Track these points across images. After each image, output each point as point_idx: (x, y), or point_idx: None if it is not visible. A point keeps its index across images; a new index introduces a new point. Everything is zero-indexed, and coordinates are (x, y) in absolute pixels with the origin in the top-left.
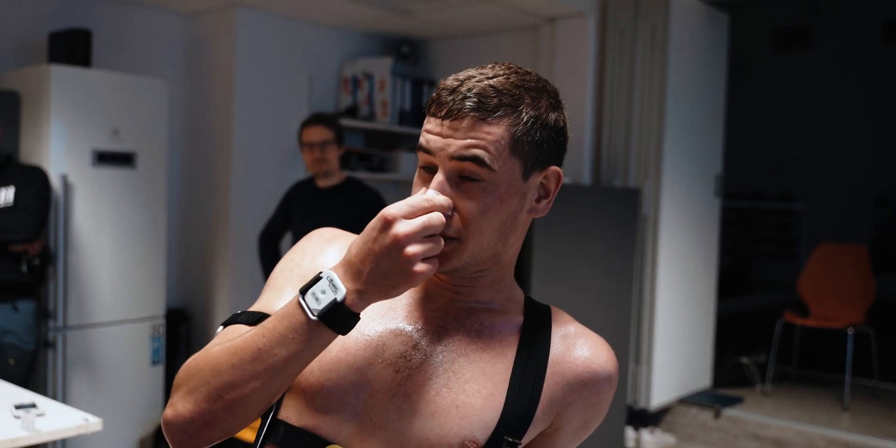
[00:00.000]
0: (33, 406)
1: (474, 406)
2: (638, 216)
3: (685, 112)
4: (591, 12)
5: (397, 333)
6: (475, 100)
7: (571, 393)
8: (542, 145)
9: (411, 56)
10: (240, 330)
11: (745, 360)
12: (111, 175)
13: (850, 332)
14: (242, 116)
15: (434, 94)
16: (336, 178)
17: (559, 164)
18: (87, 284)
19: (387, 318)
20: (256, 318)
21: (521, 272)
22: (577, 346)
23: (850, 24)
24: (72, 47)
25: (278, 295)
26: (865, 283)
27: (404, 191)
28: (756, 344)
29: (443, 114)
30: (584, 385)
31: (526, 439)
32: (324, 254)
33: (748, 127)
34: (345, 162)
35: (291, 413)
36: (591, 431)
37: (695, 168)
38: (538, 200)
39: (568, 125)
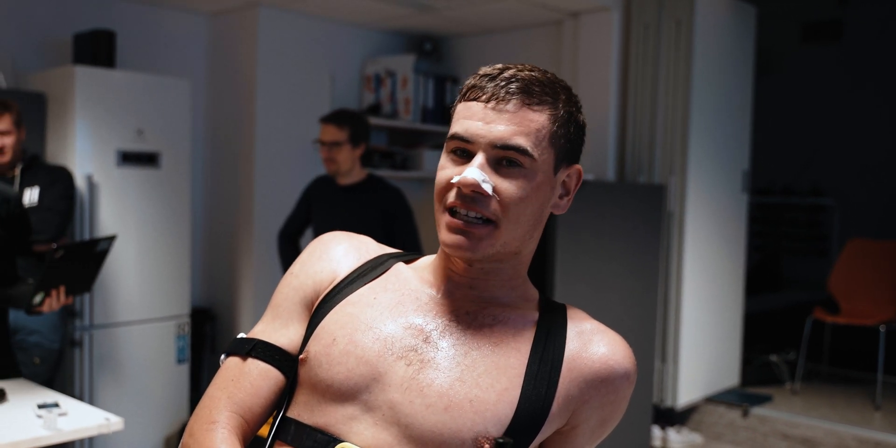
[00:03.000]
0: (56, 405)
1: (488, 401)
2: (663, 213)
3: (711, 107)
4: (615, 7)
5: (407, 327)
6: (520, 85)
7: (588, 390)
8: (573, 141)
9: (434, 53)
10: (239, 368)
11: (774, 357)
12: (135, 175)
13: (881, 329)
14: (265, 115)
15: (470, 82)
16: (357, 176)
17: (578, 163)
18: (112, 283)
19: (396, 313)
20: (250, 347)
21: (544, 270)
22: (593, 343)
23: (881, 16)
24: (96, 48)
25: (276, 315)
26: None
27: (427, 188)
28: (786, 342)
29: (486, 96)
30: (602, 382)
31: (541, 437)
32: (324, 259)
33: (777, 121)
34: (367, 160)
35: (302, 410)
36: (610, 430)
37: (721, 164)
38: (560, 197)
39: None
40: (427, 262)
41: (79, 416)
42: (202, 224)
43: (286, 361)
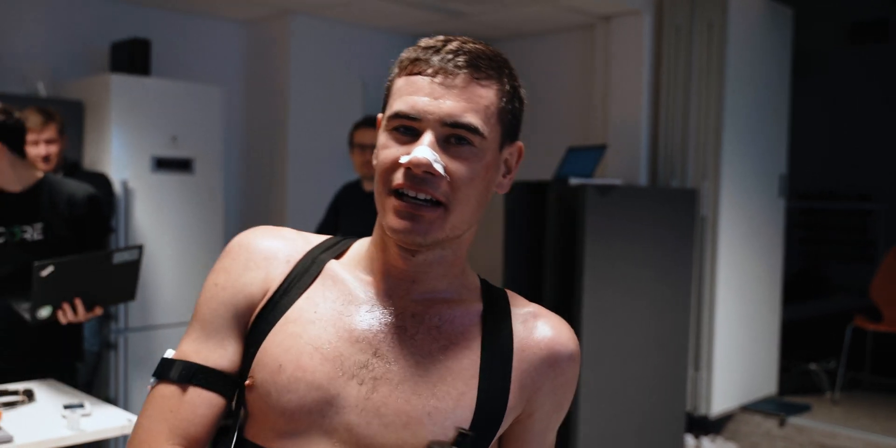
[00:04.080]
0: (81, 406)
1: (446, 410)
2: (696, 218)
3: (745, 110)
4: (647, 10)
5: (354, 341)
6: (468, 58)
7: (538, 377)
8: (517, 116)
9: None
10: (178, 397)
11: (813, 366)
12: (170, 180)
13: None
14: (298, 121)
15: (411, 55)
16: None
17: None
18: (148, 287)
19: (340, 326)
20: (191, 375)
21: (573, 276)
22: (537, 328)
23: None
24: (132, 57)
25: (207, 335)
26: None
27: None
28: (826, 350)
29: (432, 71)
30: (549, 367)
31: (501, 429)
32: (251, 267)
33: (819, 124)
34: None
35: (258, 433)
36: (565, 413)
37: (756, 168)
38: (504, 176)
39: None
40: (360, 253)
41: (103, 418)
42: (235, 228)
43: (227, 383)
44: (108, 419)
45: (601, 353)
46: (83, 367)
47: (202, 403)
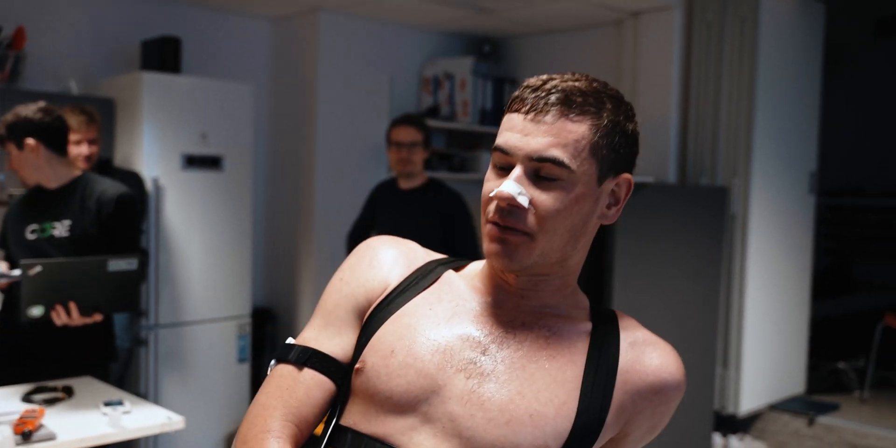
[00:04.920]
0: (121, 403)
1: (547, 415)
2: (726, 216)
3: (776, 107)
4: (677, 5)
5: (465, 339)
6: (560, 96)
7: (641, 401)
8: (618, 151)
9: (492, 55)
10: (294, 377)
11: (842, 365)
12: (199, 178)
13: None
14: (325, 118)
15: (516, 93)
16: (419, 180)
17: (630, 173)
18: (177, 284)
19: (453, 323)
20: (307, 357)
21: (602, 276)
22: (646, 354)
23: None
24: (163, 55)
25: (326, 323)
26: None
27: None
28: (855, 348)
29: (526, 108)
30: (655, 393)
31: (597, 445)
32: (374, 266)
33: (849, 120)
34: (426, 162)
35: (359, 419)
36: (656, 435)
37: (787, 165)
38: (608, 207)
39: (639, 140)
40: (476, 269)
41: (142, 415)
42: (263, 225)
43: (339, 371)
44: (147, 416)
45: None
46: (115, 365)
47: (315, 385)
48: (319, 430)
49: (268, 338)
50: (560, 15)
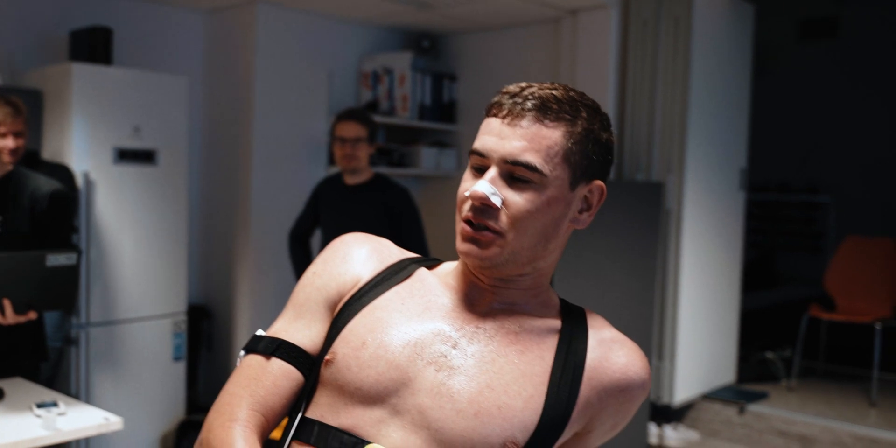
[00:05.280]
0: (55, 405)
1: (516, 407)
2: (661, 210)
3: (709, 105)
4: (614, 4)
5: (436, 333)
6: (537, 102)
7: (607, 398)
8: (591, 158)
9: (431, 50)
10: (262, 366)
11: (770, 355)
12: (132, 172)
13: (877, 326)
14: (262, 112)
15: (495, 99)
16: (364, 175)
17: (604, 181)
18: (109, 281)
19: (425, 318)
20: (275, 347)
21: None
22: (613, 352)
23: (879, 13)
24: (93, 45)
25: (297, 315)
26: (893, 277)
27: (425, 185)
28: (781, 339)
29: (503, 113)
30: (621, 391)
31: (561, 441)
32: (347, 261)
33: (773, 118)
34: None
35: (326, 411)
36: (618, 432)
37: (719, 162)
38: (580, 212)
39: (614, 149)
40: (450, 268)
41: (78, 416)
42: (199, 221)
43: (307, 362)
44: (83, 418)
45: None
46: (46, 364)
47: (283, 375)
48: (276, 434)
49: (204, 335)
50: (499, 12)
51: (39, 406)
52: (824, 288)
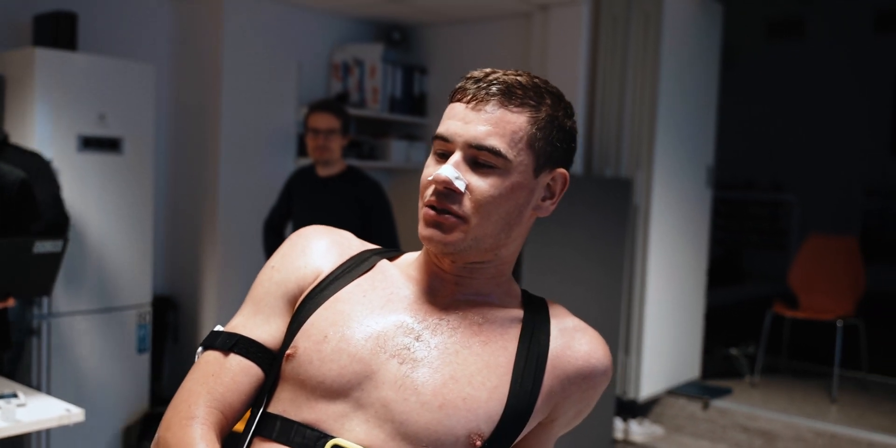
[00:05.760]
0: (14, 396)
1: (480, 398)
2: (629, 206)
3: (678, 102)
4: (584, 0)
5: (399, 325)
6: (501, 87)
7: (570, 386)
8: (555, 145)
9: (402, 42)
10: (220, 362)
11: (734, 351)
12: (97, 161)
13: (839, 324)
14: (230, 102)
15: (459, 84)
16: (337, 167)
17: (567, 169)
18: (72, 271)
19: (387, 311)
20: (233, 343)
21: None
22: (576, 340)
23: (843, 14)
24: (57, 30)
25: (256, 310)
26: (855, 275)
27: (394, 178)
28: (745, 335)
29: (468, 98)
30: (583, 379)
31: (526, 430)
32: (307, 254)
33: (739, 116)
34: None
35: (288, 406)
36: (581, 420)
37: (687, 158)
38: (543, 199)
39: (577, 137)
40: (411, 258)
41: (38, 408)
42: (165, 211)
43: (266, 357)
44: (44, 409)
45: None
46: (7, 355)
47: (241, 371)
48: (240, 427)
49: (170, 327)
50: (469, 5)
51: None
52: (788, 285)
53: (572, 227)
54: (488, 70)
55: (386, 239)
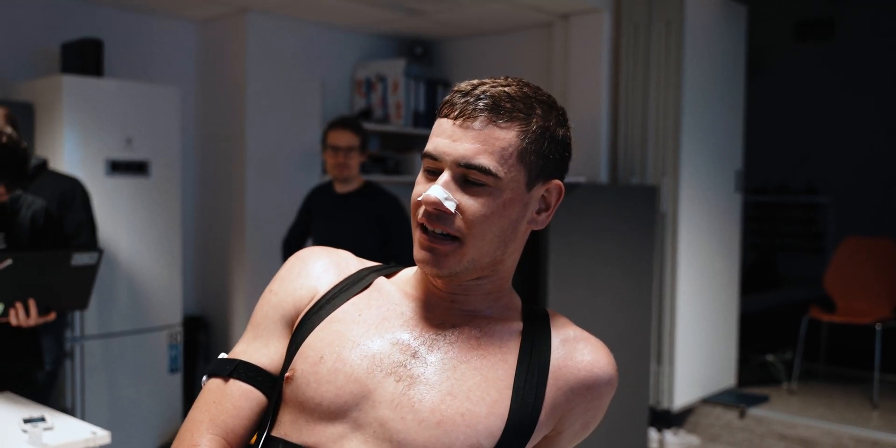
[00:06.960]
0: (42, 419)
1: (479, 414)
2: (656, 214)
3: (703, 107)
4: (605, 8)
5: (395, 343)
6: (489, 102)
7: (574, 397)
8: (548, 157)
9: (424, 57)
10: (221, 389)
11: (770, 357)
12: (125, 184)
13: (878, 327)
14: (255, 121)
15: (447, 97)
16: (355, 184)
17: (561, 179)
18: (104, 294)
19: (383, 328)
20: (232, 368)
21: (537, 274)
22: (577, 351)
23: (874, 14)
24: (84, 57)
25: (255, 335)
26: (893, 277)
27: None
28: (782, 341)
29: (455, 114)
30: (587, 389)
31: (530, 445)
32: (303, 275)
33: (771, 120)
34: (361, 165)
35: (289, 429)
36: (591, 432)
37: (714, 164)
38: (538, 212)
39: (572, 145)
40: (408, 275)
41: (65, 431)
42: (194, 232)
43: (267, 381)
44: (70, 432)
45: None
46: (41, 375)
47: (242, 396)
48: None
49: (201, 346)
50: (490, 17)
51: (27, 421)
52: (825, 289)
53: (598, 237)
54: (476, 82)
55: (406, 253)
